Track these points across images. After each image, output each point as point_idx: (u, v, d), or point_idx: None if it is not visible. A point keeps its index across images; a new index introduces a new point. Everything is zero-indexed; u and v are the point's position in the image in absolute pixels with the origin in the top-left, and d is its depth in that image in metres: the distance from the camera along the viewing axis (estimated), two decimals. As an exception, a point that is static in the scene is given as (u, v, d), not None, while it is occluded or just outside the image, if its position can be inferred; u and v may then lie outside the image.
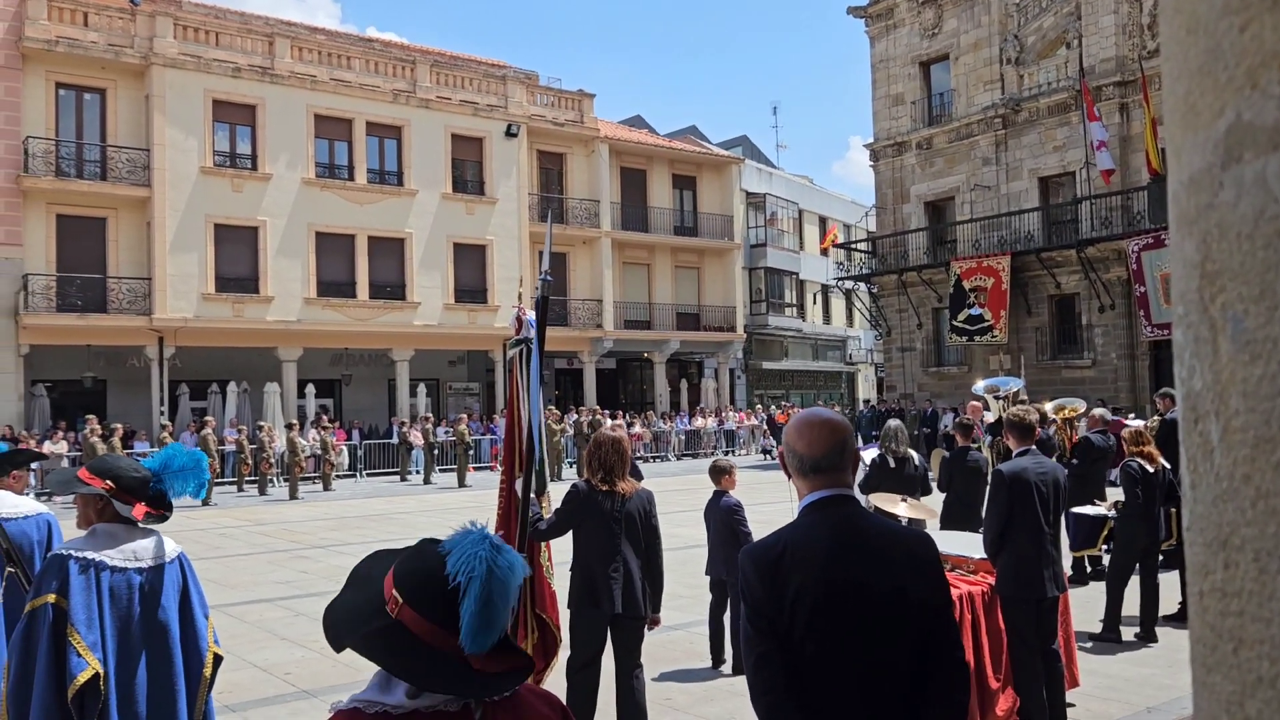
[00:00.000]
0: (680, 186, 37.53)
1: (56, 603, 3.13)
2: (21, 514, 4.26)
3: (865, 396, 47.20)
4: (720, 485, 7.40)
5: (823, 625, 2.26)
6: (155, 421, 24.69)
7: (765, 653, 2.26)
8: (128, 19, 26.03)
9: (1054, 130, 28.88)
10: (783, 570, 2.30)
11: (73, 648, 3.14)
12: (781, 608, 2.27)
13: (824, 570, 2.29)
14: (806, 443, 2.43)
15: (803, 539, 2.35)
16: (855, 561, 2.31)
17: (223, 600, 10.06)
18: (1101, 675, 6.82)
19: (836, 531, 2.36)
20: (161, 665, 3.35)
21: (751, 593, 2.32)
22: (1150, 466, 7.88)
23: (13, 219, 24.32)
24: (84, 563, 3.21)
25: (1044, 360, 28.19)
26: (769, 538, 2.43)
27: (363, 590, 1.75)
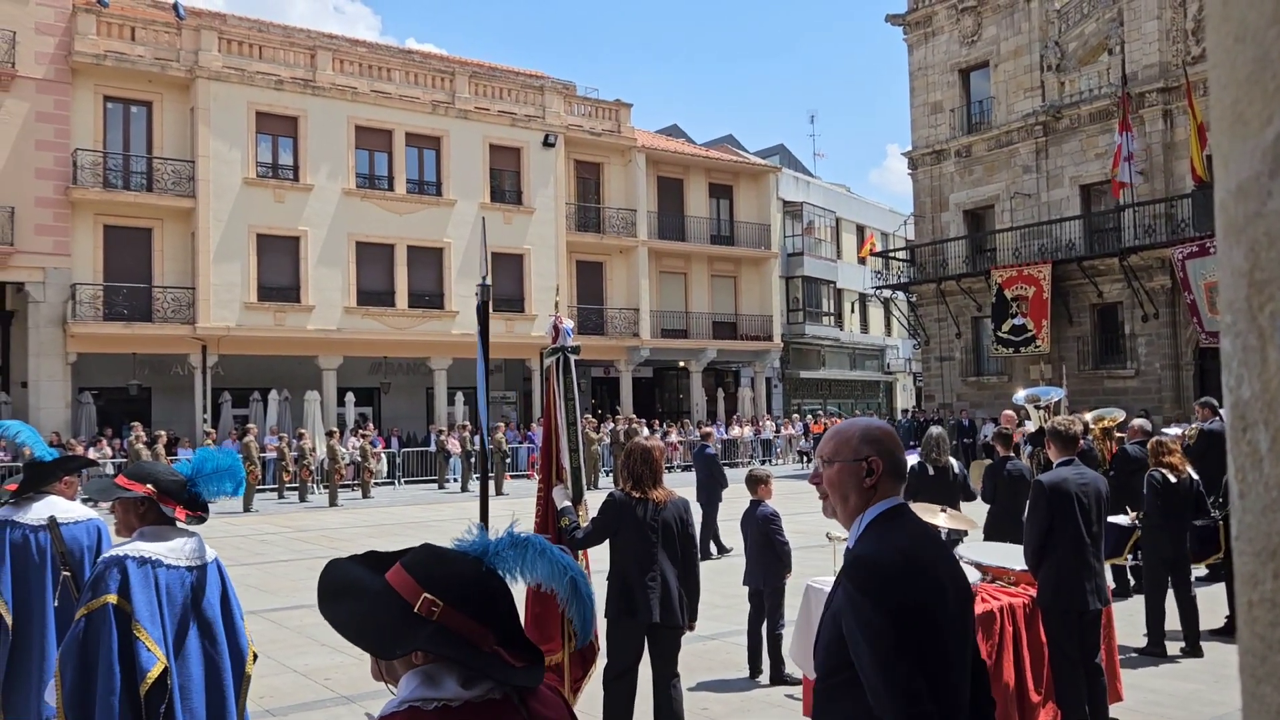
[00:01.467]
0: (717, 195, 37.52)
1: (119, 603, 3.20)
2: (73, 519, 4.34)
3: (903, 406, 46.85)
4: (756, 495, 7.39)
5: (945, 630, 2.23)
6: (198, 429, 25.04)
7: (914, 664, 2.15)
8: (174, 33, 26.51)
9: (1096, 137, 28.55)
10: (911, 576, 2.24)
11: (141, 643, 3.21)
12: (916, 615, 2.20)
13: (942, 574, 2.30)
14: (895, 448, 2.45)
15: (917, 543, 2.33)
16: (950, 564, 2.37)
17: (263, 605, 10.18)
18: (1145, 690, 6.71)
19: (931, 535, 2.42)
20: (212, 660, 3.44)
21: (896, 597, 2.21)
22: (1173, 477, 7.77)
23: (61, 229, 24.81)
24: (141, 560, 3.29)
25: (1086, 370, 27.82)
26: (893, 540, 2.32)
27: (360, 599, 1.77)
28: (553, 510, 5.06)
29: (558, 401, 5.08)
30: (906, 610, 2.20)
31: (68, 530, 4.30)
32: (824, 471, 2.46)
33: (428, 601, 1.70)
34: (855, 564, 2.30)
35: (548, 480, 5.16)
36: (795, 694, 6.58)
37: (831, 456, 2.46)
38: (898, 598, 2.20)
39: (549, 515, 5.10)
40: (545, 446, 5.23)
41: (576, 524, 4.98)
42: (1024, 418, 11.81)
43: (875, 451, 2.41)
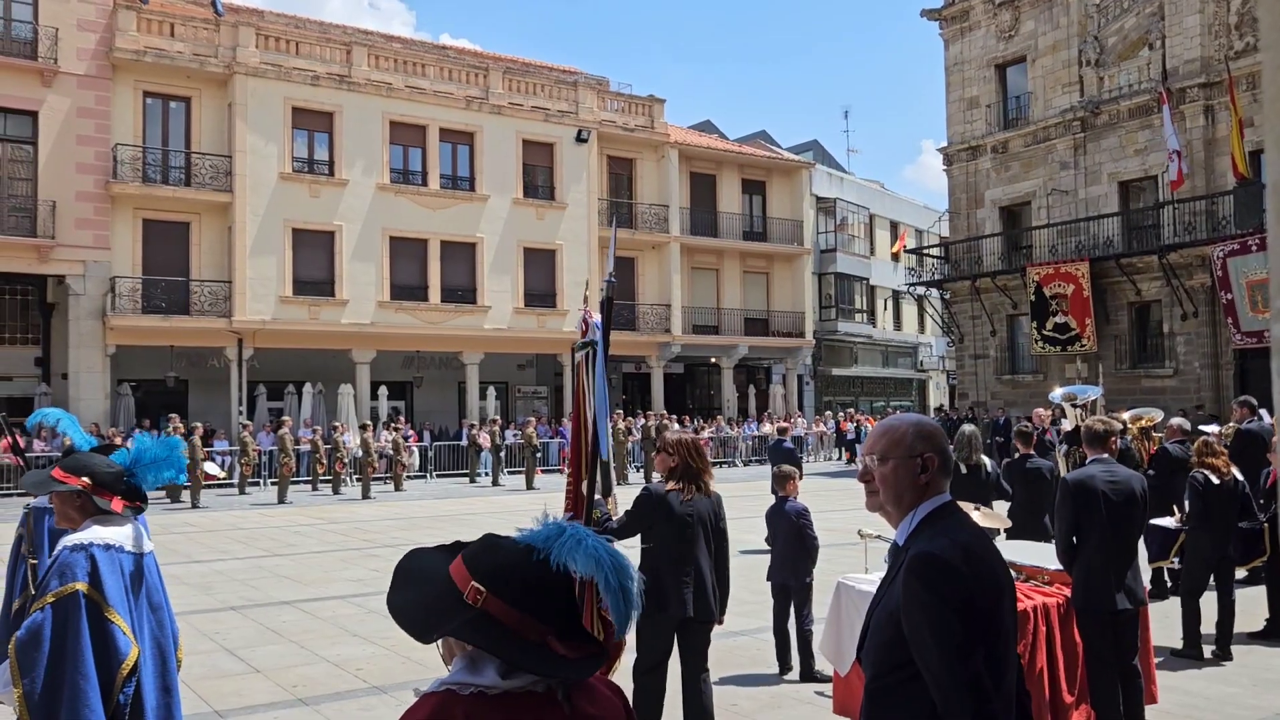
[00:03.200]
0: (750, 191, 37.41)
1: (89, 591, 3.22)
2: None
3: (936, 404, 46.50)
4: (784, 491, 7.39)
5: (1001, 627, 2.24)
6: (234, 421, 25.33)
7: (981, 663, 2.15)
8: (212, 29, 26.81)
9: (1135, 133, 28.16)
10: (974, 573, 2.24)
11: (116, 628, 3.25)
12: (980, 612, 2.20)
13: (998, 571, 2.30)
14: (948, 444, 2.45)
15: (974, 541, 2.32)
16: (1002, 561, 2.36)
17: (296, 596, 10.29)
18: (1181, 693, 6.62)
19: (982, 532, 2.40)
20: (160, 645, 3.50)
21: (964, 595, 2.19)
22: (1216, 478, 7.67)
23: (101, 224, 25.18)
24: (106, 546, 3.33)
25: (1123, 369, 27.47)
26: (954, 536, 2.30)
27: (424, 586, 1.79)
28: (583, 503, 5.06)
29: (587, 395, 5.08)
30: (972, 607, 2.19)
31: None
32: (876, 469, 2.44)
33: (474, 589, 1.72)
34: (920, 560, 2.27)
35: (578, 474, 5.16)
36: (825, 690, 6.56)
37: (885, 453, 2.44)
38: (964, 594, 2.20)
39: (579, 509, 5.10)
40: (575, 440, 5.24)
41: (608, 516, 4.99)
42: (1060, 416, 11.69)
43: (930, 448, 2.41)
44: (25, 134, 24.70)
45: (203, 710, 6.42)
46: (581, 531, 1.77)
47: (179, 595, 10.34)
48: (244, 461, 22.71)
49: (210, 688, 6.92)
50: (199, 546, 14.26)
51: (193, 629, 8.77)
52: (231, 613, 9.53)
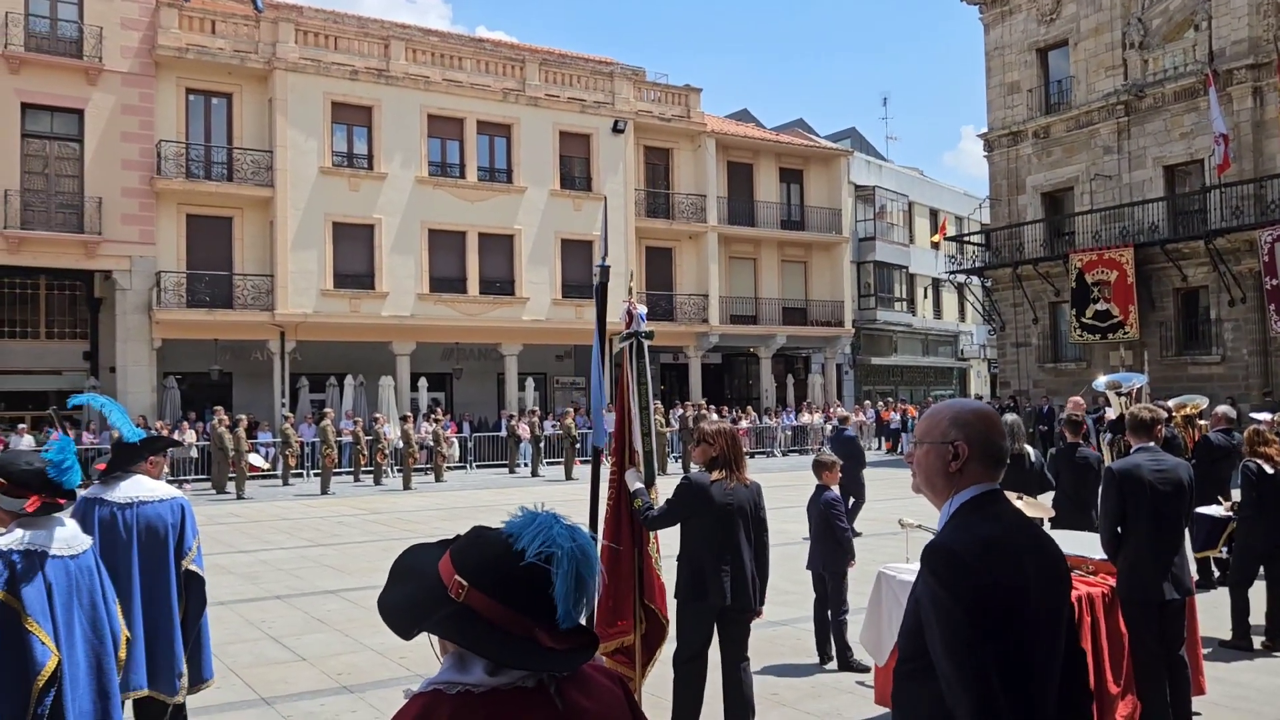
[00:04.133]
0: (787, 180, 37.22)
1: (5, 599, 3.16)
2: (158, 497, 4.49)
3: (977, 393, 46.07)
4: (823, 480, 7.36)
5: (1030, 623, 2.21)
6: (277, 413, 25.66)
7: (988, 656, 2.14)
8: (252, 26, 27.10)
9: (1181, 117, 27.65)
10: (994, 562, 2.22)
11: (34, 638, 3.18)
12: (994, 607, 2.18)
13: (1028, 565, 2.25)
14: (1000, 434, 2.42)
15: (1002, 532, 2.29)
16: (1041, 555, 2.31)
17: (340, 585, 10.43)
18: (1230, 684, 6.53)
19: (1022, 525, 2.36)
20: (95, 649, 3.45)
21: (971, 587, 2.19)
22: (1269, 468, 7.53)
23: (147, 219, 25.58)
24: (26, 552, 3.27)
25: (1169, 356, 27.05)
26: (971, 529, 2.30)
27: (413, 582, 1.78)
28: (625, 493, 5.09)
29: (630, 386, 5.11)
30: (983, 600, 2.17)
31: (152, 509, 4.43)
32: (916, 452, 2.46)
33: (456, 584, 1.71)
34: (930, 551, 2.28)
35: (620, 464, 5.19)
36: (866, 680, 6.55)
37: (921, 438, 2.46)
38: (972, 586, 2.17)
39: (621, 499, 5.13)
40: (618, 431, 5.26)
41: (650, 505, 5.01)
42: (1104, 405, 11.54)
43: (962, 435, 2.38)
44: (72, 132, 25.14)
45: (250, 697, 6.53)
46: (548, 518, 1.75)
47: (226, 585, 10.55)
48: (287, 453, 23.01)
49: (257, 675, 7.04)
50: (244, 537, 14.48)
51: (239, 618, 8.92)
52: (277, 601, 9.67)
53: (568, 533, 1.73)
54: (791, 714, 6.10)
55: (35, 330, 26.92)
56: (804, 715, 6.09)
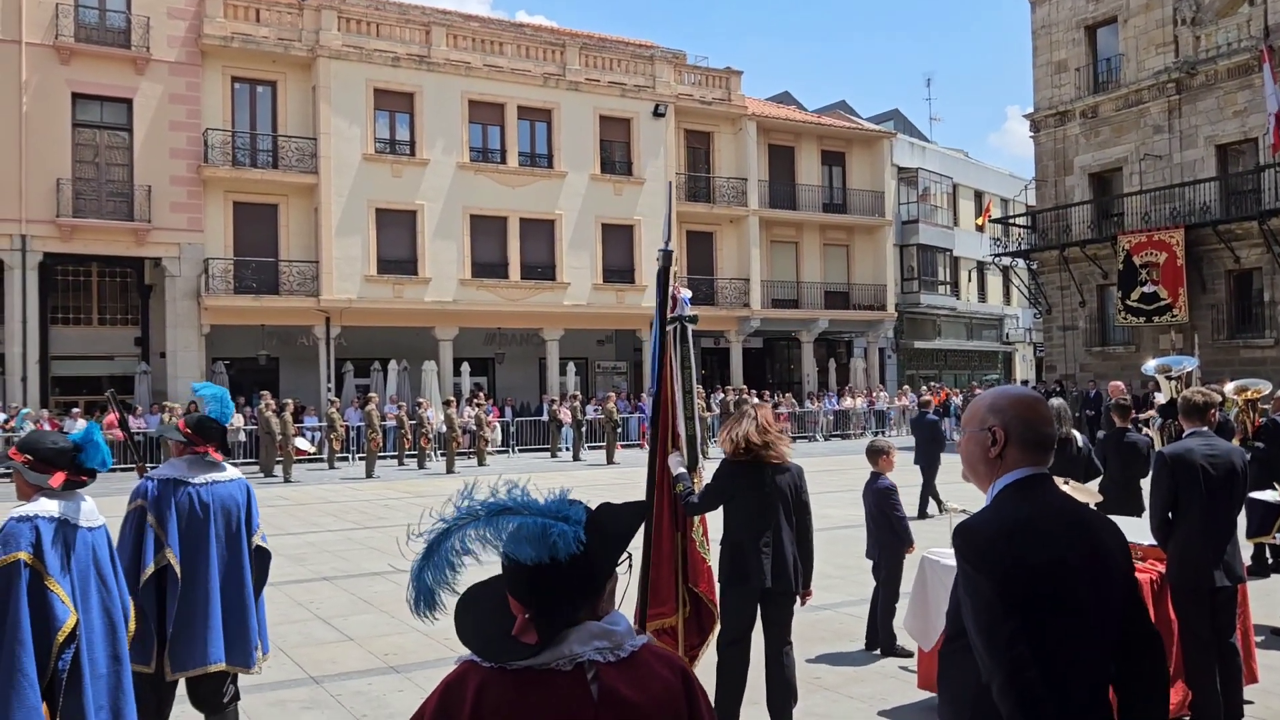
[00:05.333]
0: (829, 163, 36.90)
1: (31, 561, 3.38)
2: (228, 478, 4.69)
3: (1023, 377, 45.51)
4: (877, 466, 7.28)
5: (1065, 603, 2.24)
6: (323, 397, 25.98)
7: (1019, 628, 2.19)
8: (295, 14, 27.33)
9: (1234, 94, 27.02)
10: (1027, 541, 2.26)
11: (55, 597, 3.41)
12: (1030, 579, 2.22)
13: (1063, 547, 2.28)
14: (1044, 419, 2.46)
15: (1038, 513, 2.33)
16: (1083, 538, 2.33)
17: (386, 567, 10.56)
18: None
19: (1061, 507, 2.38)
20: (110, 615, 3.65)
21: (999, 565, 2.24)
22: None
23: (195, 207, 25.97)
24: (51, 519, 3.50)
25: (1220, 339, 26.53)
26: (1001, 510, 2.36)
27: None
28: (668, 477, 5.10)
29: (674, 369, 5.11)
30: (1010, 578, 2.21)
31: (224, 488, 4.61)
32: (961, 439, 2.54)
33: None
34: (956, 533, 2.35)
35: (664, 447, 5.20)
36: (910, 666, 6.52)
37: (964, 425, 2.54)
38: (999, 565, 2.23)
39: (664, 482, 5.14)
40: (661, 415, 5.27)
41: (691, 490, 5.02)
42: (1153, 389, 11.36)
43: (999, 421, 2.42)
44: (121, 121, 25.55)
45: (299, 676, 6.65)
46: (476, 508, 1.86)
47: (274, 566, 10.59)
48: (333, 437, 23.31)
49: (306, 655, 7.16)
50: (292, 519, 14.71)
51: (288, 598, 9.07)
52: (324, 583, 9.82)
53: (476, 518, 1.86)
54: (834, 698, 6.10)
55: (88, 316, 27.47)
56: (847, 699, 6.08)
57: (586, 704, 1.74)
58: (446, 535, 1.81)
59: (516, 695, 1.73)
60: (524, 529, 1.78)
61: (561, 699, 1.74)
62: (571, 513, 1.83)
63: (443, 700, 1.77)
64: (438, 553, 1.81)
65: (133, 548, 4.33)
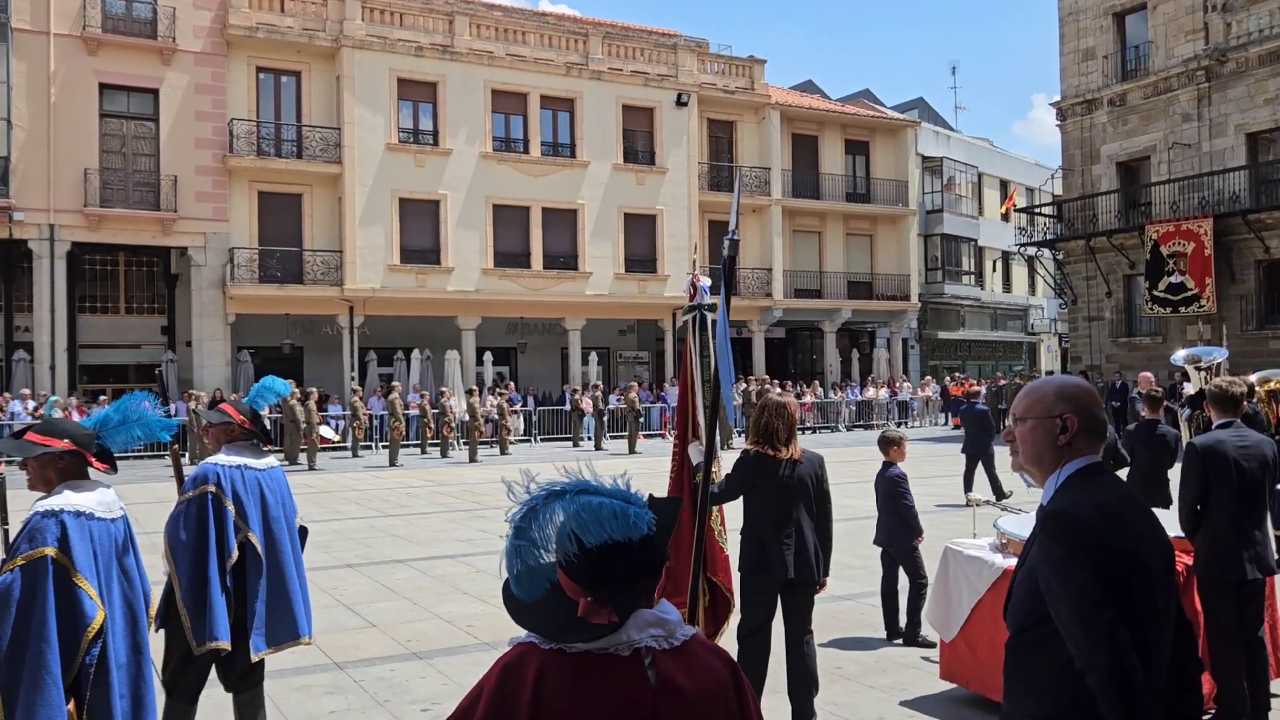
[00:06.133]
0: (853, 152, 36.69)
1: (57, 556, 3.33)
2: (277, 463, 4.86)
3: (1048, 368, 45.17)
4: (889, 456, 7.31)
5: (1146, 590, 2.23)
6: (346, 387, 26.14)
7: (1116, 616, 2.18)
8: (320, 4, 27.41)
9: (1265, 82, 26.62)
10: (1113, 532, 2.25)
11: (83, 593, 3.36)
12: (1117, 571, 2.21)
13: (1143, 534, 2.30)
14: (1100, 406, 2.47)
15: (1118, 501, 2.33)
16: (1153, 525, 2.35)
17: (408, 555, 10.62)
18: (1311, 666, 6.34)
19: (1132, 495, 2.40)
20: (131, 607, 3.63)
21: (1099, 550, 2.23)
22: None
23: (220, 196, 26.14)
24: (76, 513, 3.43)
25: (1249, 330, 26.22)
26: (1097, 495, 2.33)
27: None
28: (688, 467, 5.09)
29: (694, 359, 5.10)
30: (1105, 559, 2.21)
31: (278, 471, 4.79)
32: (1017, 429, 2.50)
33: None
34: (1049, 517, 2.32)
35: (684, 437, 5.19)
36: (932, 656, 6.49)
37: (1024, 414, 2.49)
38: (1095, 547, 2.22)
39: (684, 472, 5.13)
40: (681, 404, 5.26)
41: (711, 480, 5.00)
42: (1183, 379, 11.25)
43: (1070, 409, 2.43)
44: (147, 111, 25.74)
45: (323, 662, 6.70)
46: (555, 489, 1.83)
47: (299, 553, 10.81)
48: (356, 426, 23.45)
49: (330, 641, 7.21)
50: (316, 507, 14.81)
51: (312, 585, 9.06)
52: (348, 570, 9.89)
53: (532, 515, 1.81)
54: (855, 688, 6.09)
55: (115, 305, 27.75)
56: (868, 689, 6.06)
57: (645, 689, 1.76)
58: (535, 514, 1.80)
59: (576, 678, 1.74)
60: (604, 508, 1.77)
61: (621, 684, 1.75)
62: (636, 497, 1.83)
63: (501, 680, 1.77)
64: (529, 532, 1.80)
65: (215, 531, 4.40)
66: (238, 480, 4.50)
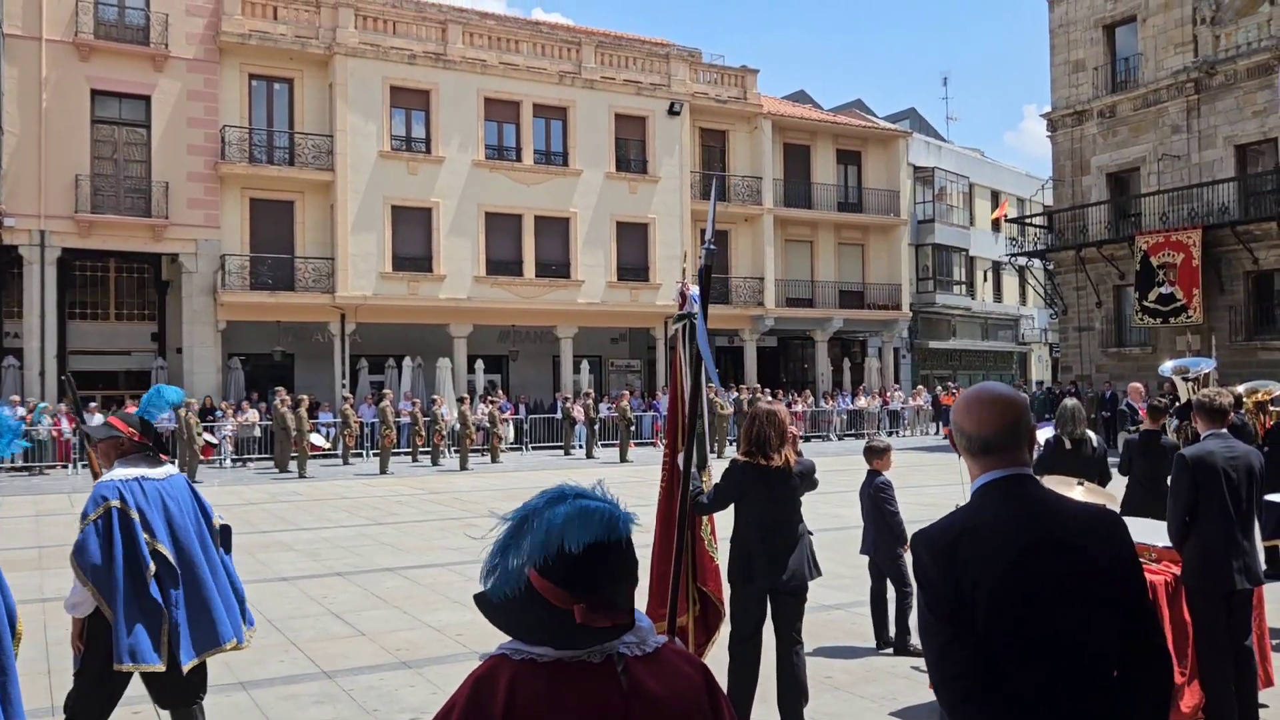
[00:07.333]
0: (845, 162, 36.80)
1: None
2: (176, 472, 4.78)
3: (1038, 378, 45.30)
4: (874, 465, 7.32)
5: (1011, 614, 2.13)
6: (337, 394, 26.07)
7: (948, 641, 2.14)
8: (313, 11, 27.40)
9: (1254, 94, 26.81)
10: (960, 555, 2.16)
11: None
12: (962, 595, 2.14)
13: (1008, 556, 2.15)
14: (975, 420, 2.28)
15: (981, 523, 2.21)
16: (1040, 545, 2.17)
17: (398, 563, 10.60)
18: (1299, 676, 6.36)
19: (1017, 514, 2.21)
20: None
21: (928, 578, 2.20)
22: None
23: (211, 203, 26.09)
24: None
25: (1238, 341, 26.34)
26: (944, 521, 2.29)
27: None
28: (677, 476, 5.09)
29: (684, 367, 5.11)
30: (941, 592, 2.17)
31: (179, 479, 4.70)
32: None
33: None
34: (913, 536, 2.34)
35: (674, 446, 5.20)
36: (921, 665, 6.49)
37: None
38: (930, 578, 2.20)
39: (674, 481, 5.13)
40: (672, 412, 5.27)
41: (700, 489, 5.01)
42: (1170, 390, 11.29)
43: (955, 420, 2.37)
44: (139, 117, 25.70)
45: (311, 671, 6.68)
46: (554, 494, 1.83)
47: (288, 561, 10.78)
48: (347, 433, 23.39)
49: (318, 649, 7.19)
50: (306, 515, 14.77)
51: (301, 594, 9.11)
52: (338, 578, 9.86)
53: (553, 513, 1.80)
54: (845, 697, 6.09)
55: (106, 312, 27.65)
56: (858, 699, 6.07)
57: (617, 693, 1.76)
58: (529, 517, 1.80)
59: (549, 687, 1.74)
60: (596, 512, 1.79)
61: (593, 689, 1.75)
62: (616, 501, 1.87)
63: (474, 694, 1.77)
64: (521, 534, 1.80)
65: (126, 546, 4.31)
66: (138, 493, 4.42)
